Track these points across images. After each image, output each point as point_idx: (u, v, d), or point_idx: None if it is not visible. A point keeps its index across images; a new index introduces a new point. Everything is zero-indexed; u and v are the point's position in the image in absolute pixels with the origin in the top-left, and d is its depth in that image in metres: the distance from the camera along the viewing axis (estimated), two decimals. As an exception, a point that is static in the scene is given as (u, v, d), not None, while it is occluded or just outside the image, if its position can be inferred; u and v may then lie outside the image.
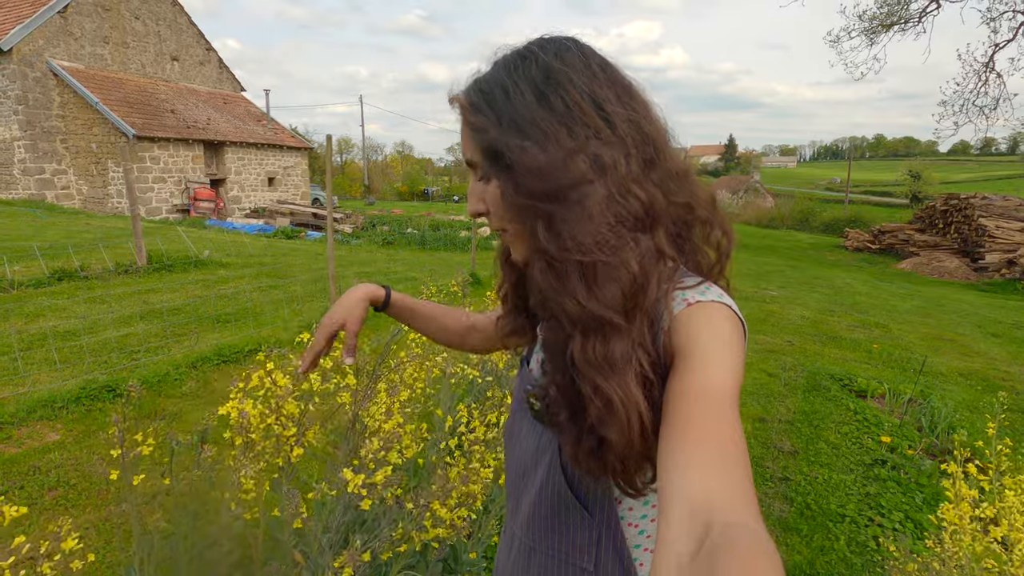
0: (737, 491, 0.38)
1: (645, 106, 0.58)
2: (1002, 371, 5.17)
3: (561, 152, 0.53)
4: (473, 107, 0.58)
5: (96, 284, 5.86)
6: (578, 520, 0.63)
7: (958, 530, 1.30)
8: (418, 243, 11.69)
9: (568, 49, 0.57)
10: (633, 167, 0.54)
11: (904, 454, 3.08)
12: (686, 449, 0.42)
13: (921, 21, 15.49)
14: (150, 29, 17.55)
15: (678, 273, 0.56)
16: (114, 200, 15.13)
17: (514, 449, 0.73)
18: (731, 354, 0.50)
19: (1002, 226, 12.15)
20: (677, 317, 0.53)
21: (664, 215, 0.55)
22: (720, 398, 0.45)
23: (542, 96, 0.54)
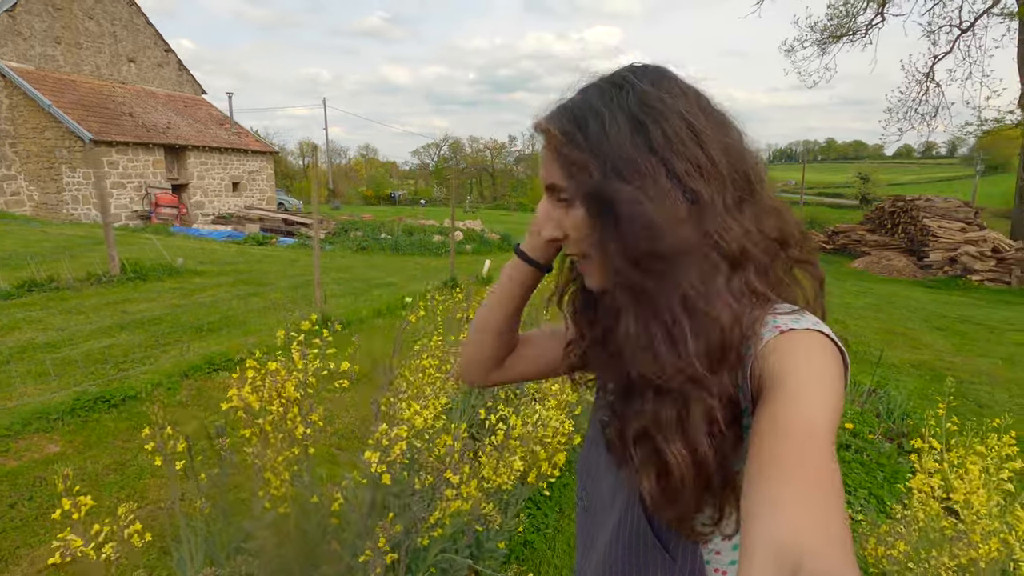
0: (831, 535, 0.35)
1: (739, 137, 0.56)
2: (947, 361, 5.62)
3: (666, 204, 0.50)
4: (567, 137, 0.55)
5: (68, 295, 5.73)
6: (658, 562, 0.57)
7: (924, 497, 1.53)
8: (392, 248, 11.71)
9: (664, 76, 0.55)
10: (729, 202, 0.52)
11: (865, 438, 3.38)
12: (773, 486, 0.39)
13: (868, 33, 16.44)
14: (105, 29, 16.96)
15: (771, 302, 0.54)
16: (69, 207, 14.56)
17: (592, 485, 0.69)
18: (828, 386, 0.45)
19: (944, 226, 12.98)
20: (768, 344, 0.49)
21: (756, 252, 0.52)
22: (812, 433, 0.41)
23: (639, 127, 0.52)
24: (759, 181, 0.55)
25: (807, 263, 0.58)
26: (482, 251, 12.36)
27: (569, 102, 0.57)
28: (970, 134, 16.82)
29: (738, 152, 0.54)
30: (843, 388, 0.48)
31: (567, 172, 0.56)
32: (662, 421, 0.49)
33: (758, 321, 0.51)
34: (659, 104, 0.52)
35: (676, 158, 0.51)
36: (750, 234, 0.52)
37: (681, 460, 0.48)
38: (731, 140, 0.54)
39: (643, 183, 0.51)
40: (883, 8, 15.91)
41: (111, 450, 2.91)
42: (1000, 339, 6.92)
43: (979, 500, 1.38)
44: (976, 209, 14.26)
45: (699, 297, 0.49)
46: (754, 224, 0.53)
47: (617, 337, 0.53)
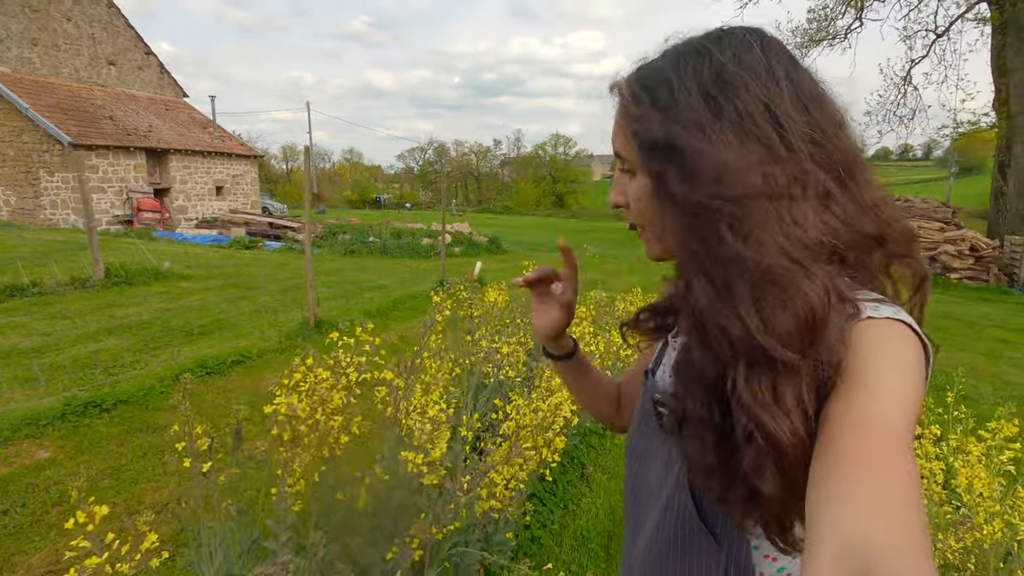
0: (906, 537, 0.33)
1: (837, 123, 0.51)
2: (932, 356, 5.74)
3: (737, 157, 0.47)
4: (635, 100, 0.53)
5: (52, 299, 5.61)
6: (705, 549, 0.55)
7: (925, 483, 1.56)
8: (381, 251, 11.65)
9: (750, 48, 0.50)
10: (810, 191, 0.47)
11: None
12: (844, 481, 0.37)
13: (847, 37, 16.77)
14: (84, 31, 16.68)
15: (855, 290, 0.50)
16: (47, 212, 14.26)
17: (638, 466, 0.67)
18: (907, 379, 0.43)
19: (923, 226, 13.27)
20: None
21: (843, 248, 0.49)
22: (888, 428, 0.39)
23: (710, 99, 0.48)
24: (856, 174, 0.51)
25: (907, 259, 0.53)
26: (471, 253, 12.36)
27: (647, 65, 0.55)
28: (947, 136, 17.26)
29: (830, 141, 0.49)
30: (923, 381, 0.45)
31: (633, 130, 0.53)
32: (758, 395, 0.44)
33: (853, 312, 0.47)
34: (736, 79, 0.49)
35: (746, 137, 0.47)
36: (833, 228, 0.48)
37: (790, 436, 0.43)
38: (824, 126, 0.49)
39: (709, 144, 0.47)
40: (861, 13, 16.27)
41: (104, 455, 2.85)
42: (980, 335, 7.09)
43: (981, 483, 1.42)
44: (954, 209, 14.61)
45: (781, 267, 0.44)
46: (839, 218, 0.48)
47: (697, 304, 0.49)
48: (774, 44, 0.52)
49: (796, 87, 0.50)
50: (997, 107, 13.77)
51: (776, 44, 0.52)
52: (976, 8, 14.66)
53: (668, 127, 0.50)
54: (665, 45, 0.55)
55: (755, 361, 0.45)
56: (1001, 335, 7.10)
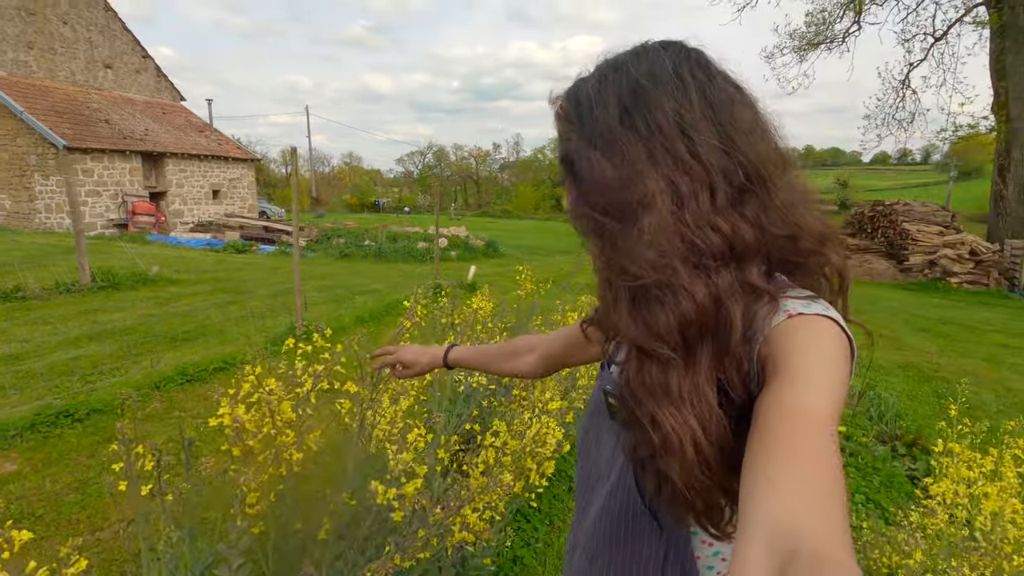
0: (829, 522, 0.35)
1: (747, 130, 0.53)
2: (933, 363, 5.63)
3: (630, 171, 0.51)
4: (564, 114, 0.58)
5: (36, 304, 5.50)
6: (646, 532, 0.59)
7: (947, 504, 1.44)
8: (376, 255, 11.55)
9: (662, 63, 0.54)
10: (718, 198, 0.50)
11: (859, 441, 3.33)
12: (773, 467, 0.39)
13: (844, 40, 16.74)
14: (80, 35, 16.62)
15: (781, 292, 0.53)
16: (42, 215, 14.16)
17: (589, 451, 0.71)
18: (833, 372, 0.46)
19: (923, 230, 13.18)
20: (776, 329, 0.49)
21: (756, 249, 0.51)
22: (815, 418, 0.41)
23: (626, 114, 0.52)
24: (773, 175, 0.53)
25: (820, 256, 0.55)
26: (467, 257, 12.25)
27: (579, 80, 0.59)
28: (945, 140, 17.19)
29: (740, 149, 0.52)
30: (849, 374, 0.48)
31: (559, 143, 0.59)
32: (647, 383, 0.49)
33: (764, 312, 0.50)
34: (648, 93, 0.52)
35: (657, 149, 0.51)
36: (741, 231, 0.50)
37: (676, 424, 0.47)
38: (733, 136, 0.52)
39: (620, 158, 0.52)
40: (859, 16, 16.23)
41: (73, 468, 2.74)
42: (981, 339, 6.98)
43: (1012, 508, 1.30)
44: (953, 213, 14.52)
45: (660, 270, 0.49)
46: (758, 220, 0.51)
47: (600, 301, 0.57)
48: (691, 57, 0.55)
49: (707, 99, 0.53)
50: (996, 110, 13.71)
51: (693, 56, 0.55)
52: (975, 11, 14.62)
53: (576, 143, 0.55)
54: (600, 59, 0.59)
55: (643, 353, 0.50)
56: (1002, 340, 6.99)
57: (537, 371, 0.99)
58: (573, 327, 0.88)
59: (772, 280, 0.54)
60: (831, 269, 0.56)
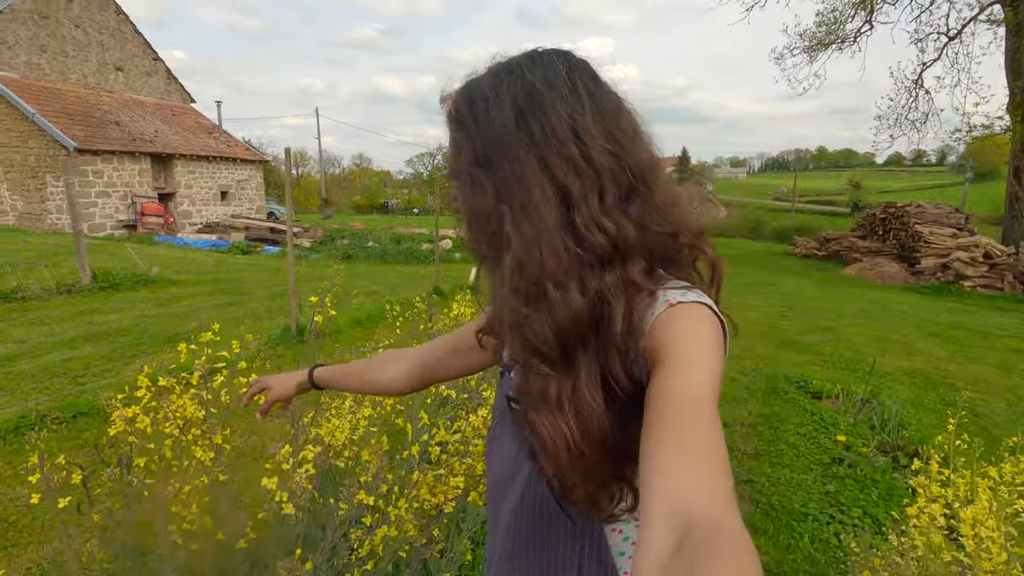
0: (718, 493, 0.38)
1: (631, 136, 0.57)
2: (942, 369, 5.48)
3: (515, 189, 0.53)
4: (457, 116, 0.59)
5: (35, 305, 5.52)
6: (560, 529, 0.61)
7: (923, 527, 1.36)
8: (379, 257, 11.54)
9: (556, 69, 0.56)
10: (607, 199, 0.53)
11: (859, 452, 3.22)
12: (666, 452, 0.42)
13: (856, 40, 16.49)
14: (92, 38, 16.84)
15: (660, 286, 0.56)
16: (53, 216, 14.34)
17: (495, 456, 0.72)
18: (711, 356, 0.49)
19: (935, 232, 12.93)
20: (658, 318, 0.52)
21: (639, 247, 0.54)
22: (700, 399, 0.45)
23: (521, 117, 0.54)
24: (650, 180, 0.56)
25: (698, 249, 0.59)
26: (470, 259, 12.16)
27: (471, 81, 0.60)
28: (960, 140, 16.85)
29: (626, 152, 0.55)
30: (724, 356, 0.53)
31: (452, 152, 0.60)
32: (530, 391, 0.52)
33: (645, 304, 0.53)
34: (544, 97, 0.54)
35: (550, 153, 0.53)
36: (626, 231, 0.53)
37: (549, 429, 0.50)
38: (621, 140, 0.55)
39: (509, 167, 0.53)
40: (871, 16, 15.98)
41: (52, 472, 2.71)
42: (994, 345, 6.80)
43: (986, 532, 1.22)
44: (967, 215, 14.23)
45: (539, 282, 0.51)
46: (640, 220, 0.54)
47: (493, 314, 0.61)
48: (580, 65, 0.57)
49: (597, 105, 0.55)
50: (1011, 110, 13.42)
51: (581, 65, 0.58)
52: (990, 9, 14.33)
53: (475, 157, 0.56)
54: (491, 62, 0.60)
55: (527, 366, 0.53)
56: (1016, 345, 6.80)
57: (403, 382, 0.92)
58: (458, 333, 0.88)
59: (653, 275, 0.57)
60: (705, 262, 0.60)
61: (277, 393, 1.03)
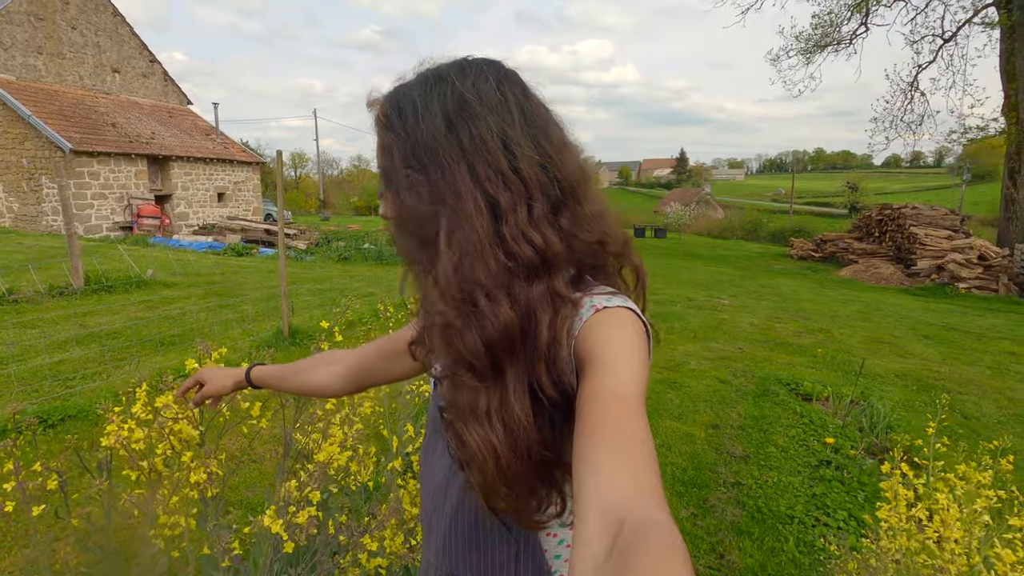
0: (646, 489, 0.39)
1: (560, 148, 0.57)
2: (934, 371, 5.49)
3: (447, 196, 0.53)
4: (387, 120, 0.58)
5: (27, 308, 5.51)
6: (496, 538, 0.62)
7: (893, 528, 1.37)
8: (375, 258, 11.53)
9: (486, 80, 0.56)
10: (535, 211, 0.53)
11: (847, 454, 3.22)
12: (597, 451, 0.42)
13: (852, 43, 16.54)
14: (88, 40, 16.82)
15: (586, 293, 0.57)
16: (49, 218, 14.32)
17: (429, 469, 0.72)
18: (636, 357, 0.51)
19: (931, 234, 12.96)
20: (586, 324, 0.53)
21: (566, 258, 0.55)
22: (627, 400, 0.46)
23: (451, 126, 0.54)
24: (579, 191, 0.57)
25: (624, 257, 0.61)
26: (467, 261, 12.21)
27: (400, 86, 0.59)
28: (955, 142, 16.91)
29: (555, 165, 0.55)
30: (648, 356, 0.54)
31: (380, 152, 0.60)
32: (456, 402, 0.53)
33: (571, 312, 0.53)
34: (474, 108, 0.54)
35: (479, 163, 0.53)
36: (552, 242, 0.53)
37: (478, 441, 0.50)
38: (550, 152, 0.55)
39: (440, 173, 0.54)
40: (867, 18, 16.03)
41: (39, 476, 2.70)
42: (987, 347, 6.81)
43: (953, 534, 1.22)
44: (962, 217, 14.28)
45: (470, 293, 0.51)
46: (569, 231, 0.56)
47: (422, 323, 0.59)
48: (510, 76, 0.58)
49: (526, 117, 0.56)
50: (1006, 112, 13.46)
51: (511, 76, 0.58)
52: (984, 12, 14.38)
53: (397, 157, 0.56)
54: (420, 68, 0.60)
55: (456, 380, 0.53)
56: (1009, 347, 6.82)
57: (339, 384, 0.91)
58: (389, 339, 0.86)
59: (580, 282, 0.59)
60: (631, 268, 0.62)
61: (212, 388, 1.01)
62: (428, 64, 0.60)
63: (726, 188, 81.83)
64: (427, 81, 0.57)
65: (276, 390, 1.02)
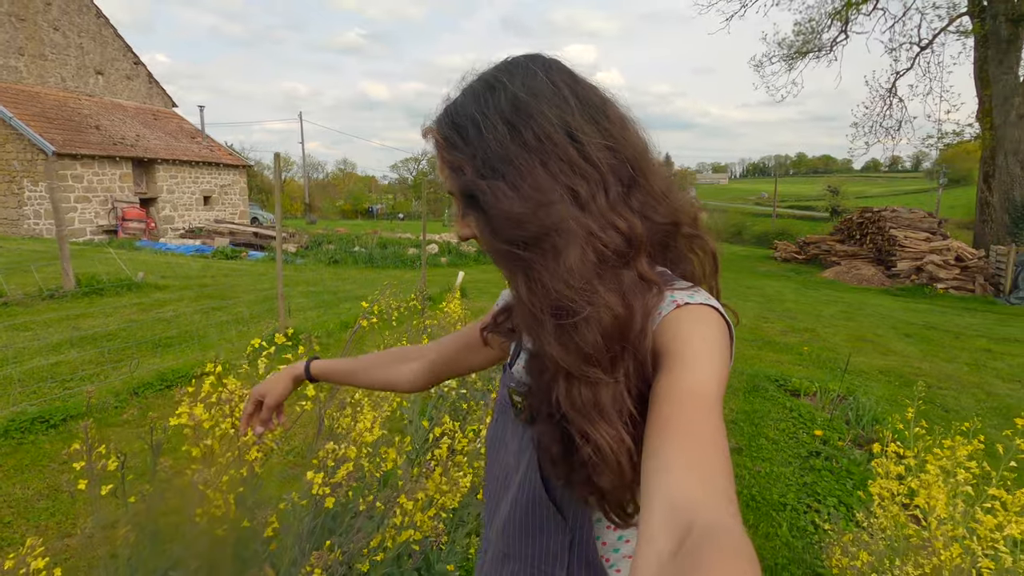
0: (718, 493, 0.38)
1: (621, 126, 0.56)
2: (915, 367, 5.68)
3: (536, 194, 0.51)
4: (448, 142, 0.57)
5: (18, 310, 5.46)
6: (551, 524, 0.61)
7: (885, 500, 1.47)
8: (366, 261, 11.54)
9: (535, 75, 0.55)
10: (612, 196, 0.53)
11: (835, 445, 3.35)
12: (669, 450, 0.42)
13: (832, 49, 16.92)
14: (71, 41, 16.60)
15: (668, 282, 0.56)
16: (30, 221, 14.09)
17: (497, 452, 0.72)
18: (717, 356, 0.49)
19: (910, 236, 13.30)
20: (666, 319, 0.52)
21: (646, 240, 0.54)
22: (704, 400, 0.45)
23: (513, 130, 0.53)
24: (647, 168, 0.56)
25: (700, 239, 0.60)
26: (457, 263, 12.26)
27: (451, 105, 0.59)
28: (932, 147, 17.37)
29: (620, 144, 0.55)
30: (729, 357, 0.53)
31: (450, 173, 0.58)
32: (577, 404, 0.50)
33: (655, 302, 0.53)
34: (530, 105, 0.54)
35: (551, 158, 0.52)
36: (634, 225, 0.53)
37: (610, 440, 0.49)
38: (613, 132, 0.55)
39: (519, 177, 0.52)
40: (847, 26, 16.43)
41: (45, 474, 2.72)
42: (965, 345, 7.04)
43: (940, 505, 1.33)
44: (940, 219, 14.67)
45: (583, 292, 0.50)
46: (643, 212, 0.55)
47: (524, 328, 0.55)
48: (555, 66, 0.57)
49: (581, 101, 0.55)
50: (981, 118, 13.88)
51: (556, 65, 0.57)
52: (959, 21, 14.83)
53: (475, 170, 0.55)
54: (463, 83, 0.59)
55: (571, 376, 0.50)
56: (986, 345, 7.05)
57: (420, 379, 0.90)
58: (466, 330, 0.86)
59: (654, 271, 0.56)
60: (705, 252, 0.60)
61: (273, 399, 0.94)
62: (469, 77, 0.59)
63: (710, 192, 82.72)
64: (477, 92, 0.57)
65: (341, 384, 0.99)
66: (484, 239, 0.56)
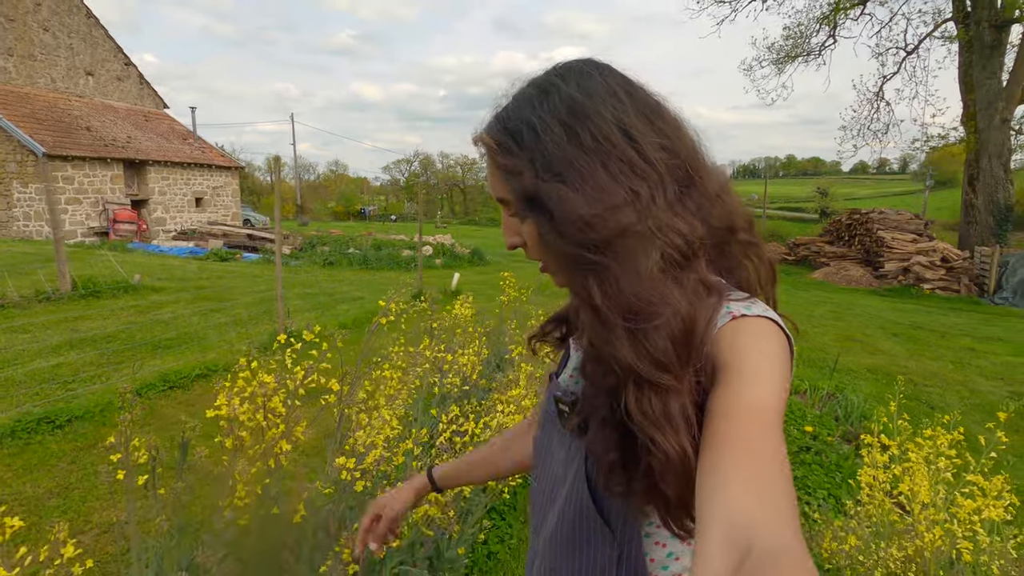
0: (779, 512, 0.37)
1: (676, 126, 0.56)
2: (902, 366, 5.82)
3: (601, 196, 0.50)
4: (502, 147, 0.56)
5: (15, 312, 5.46)
6: (599, 538, 0.59)
7: (873, 488, 1.56)
8: (360, 263, 11.57)
9: (589, 77, 0.55)
10: (670, 196, 0.52)
11: (825, 441, 3.45)
12: (727, 467, 0.40)
13: (821, 54, 17.19)
14: (61, 42, 16.48)
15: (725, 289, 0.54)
16: (20, 223, 13.98)
17: (545, 462, 0.69)
18: (777, 371, 0.48)
19: (897, 237, 13.53)
20: (721, 330, 0.50)
21: (705, 243, 0.52)
22: (763, 416, 0.43)
23: (570, 131, 0.52)
24: (702, 169, 0.55)
25: (755, 246, 0.58)
26: (452, 265, 12.32)
27: (503, 112, 0.58)
28: (918, 150, 17.69)
29: (676, 144, 0.54)
30: (790, 371, 0.51)
31: (507, 181, 0.57)
32: (647, 412, 0.48)
33: (718, 304, 0.51)
34: (585, 106, 0.53)
35: (611, 160, 0.51)
36: (694, 227, 0.52)
37: (678, 449, 0.47)
38: (668, 132, 0.54)
39: (581, 180, 0.51)
40: (835, 31, 16.70)
41: (54, 473, 2.76)
42: (950, 344, 7.20)
43: (923, 491, 1.42)
44: (926, 221, 14.93)
45: (653, 296, 0.48)
46: (699, 215, 0.53)
47: (589, 336, 0.53)
48: (606, 68, 0.57)
49: (637, 102, 0.54)
50: (965, 122, 14.16)
51: (608, 68, 0.57)
52: (944, 27, 15.13)
53: (536, 174, 0.53)
54: (512, 89, 0.59)
55: (641, 382, 0.48)
56: (970, 344, 7.22)
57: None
58: None
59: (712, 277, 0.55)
60: (761, 260, 0.58)
61: (394, 512, 0.89)
62: (519, 83, 0.59)
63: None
64: (530, 96, 0.56)
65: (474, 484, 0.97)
66: (548, 243, 0.54)
